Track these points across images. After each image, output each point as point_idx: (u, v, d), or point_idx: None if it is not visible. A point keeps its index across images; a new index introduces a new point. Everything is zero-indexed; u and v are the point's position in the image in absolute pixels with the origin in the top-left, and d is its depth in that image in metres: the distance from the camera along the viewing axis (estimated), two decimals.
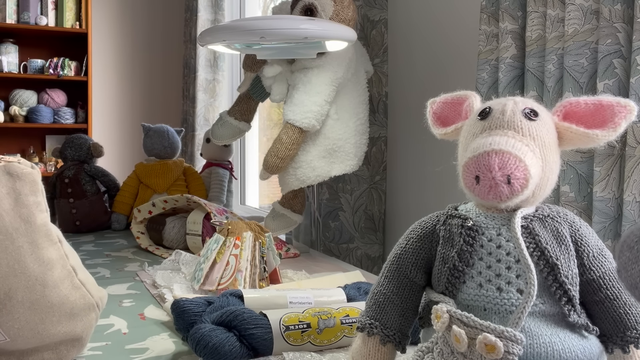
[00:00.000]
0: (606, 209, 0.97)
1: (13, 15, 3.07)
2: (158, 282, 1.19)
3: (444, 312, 0.54)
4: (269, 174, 1.42)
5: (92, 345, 0.88)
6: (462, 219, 0.60)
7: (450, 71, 1.50)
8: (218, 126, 1.63)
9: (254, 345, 0.79)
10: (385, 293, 0.63)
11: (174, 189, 1.93)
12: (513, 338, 0.51)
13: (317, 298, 0.94)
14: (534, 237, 0.57)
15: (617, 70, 0.96)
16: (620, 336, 0.57)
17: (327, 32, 1.28)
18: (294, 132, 1.38)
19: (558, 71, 1.05)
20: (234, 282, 1.08)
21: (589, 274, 0.58)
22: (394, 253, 0.65)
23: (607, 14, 0.96)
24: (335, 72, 1.41)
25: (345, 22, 1.42)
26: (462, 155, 0.60)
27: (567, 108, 0.59)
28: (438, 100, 0.67)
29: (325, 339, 0.83)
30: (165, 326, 0.97)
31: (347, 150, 1.45)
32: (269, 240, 1.16)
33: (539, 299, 0.55)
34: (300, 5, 1.43)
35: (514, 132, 0.56)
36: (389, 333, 0.62)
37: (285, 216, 1.54)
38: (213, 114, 2.79)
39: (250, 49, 1.39)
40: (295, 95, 1.39)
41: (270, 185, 2.62)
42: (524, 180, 0.54)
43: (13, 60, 3.13)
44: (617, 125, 0.57)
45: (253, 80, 1.54)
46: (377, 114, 1.72)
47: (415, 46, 1.63)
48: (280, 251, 1.30)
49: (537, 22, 1.09)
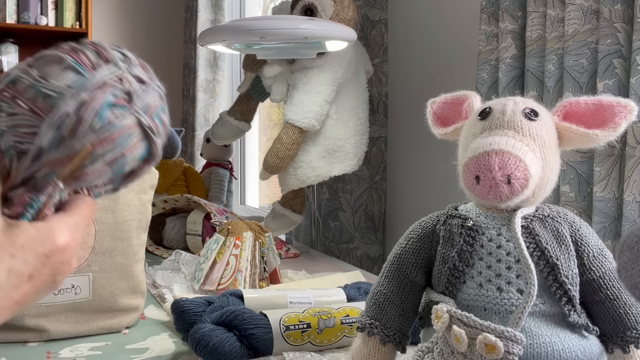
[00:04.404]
0: (606, 209, 0.97)
1: (13, 15, 3.07)
2: (158, 282, 1.19)
3: (444, 312, 0.54)
4: (269, 174, 1.42)
5: (92, 345, 0.88)
6: (462, 219, 0.60)
7: (450, 71, 1.50)
8: (218, 126, 1.63)
9: (254, 345, 0.79)
10: (385, 293, 0.63)
11: (174, 189, 1.93)
12: (513, 338, 0.51)
13: (317, 298, 0.94)
14: (534, 237, 0.57)
15: (617, 70, 0.96)
16: (621, 336, 0.57)
17: (327, 32, 1.28)
18: (294, 132, 1.38)
19: (558, 71, 1.05)
20: (234, 282, 1.08)
21: (589, 274, 0.58)
22: (394, 253, 0.65)
23: (607, 14, 0.96)
24: (335, 72, 1.41)
25: (345, 22, 1.42)
26: (462, 155, 0.60)
27: (567, 108, 0.59)
28: (438, 100, 0.67)
29: (325, 339, 0.83)
30: (165, 326, 0.97)
31: (347, 150, 1.45)
32: (269, 240, 1.16)
33: (539, 299, 0.55)
34: (300, 5, 1.43)
35: (514, 132, 0.56)
36: (389, 333, 0.62)
37: (285, 216, 1.54)
38: (213, 114, 2.79)
39: (250, 49, 1.39)
40: (295, 95, 1.39)
41: (270, 185, 2.62)
42: (524, 180, 0.54)
43: (13, 60, 3.13)
44: (617, 125, 0.57)
45: (253, 80, 1.54)
46: (377, 114, 1.72)
47: (415, 46, 1.63)
48: (280, 251, 1.30)
49: (537, 22, 1.09)
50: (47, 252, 0.40)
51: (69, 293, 0.88)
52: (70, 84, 0.42)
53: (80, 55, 0.43)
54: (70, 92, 0.41)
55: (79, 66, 0.43)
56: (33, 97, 0.41)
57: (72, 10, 3.17)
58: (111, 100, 0.42)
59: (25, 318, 0.86)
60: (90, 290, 0.90)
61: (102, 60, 0.44)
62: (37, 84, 0.41)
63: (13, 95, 0.41)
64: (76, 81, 0.42)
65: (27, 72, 0.42)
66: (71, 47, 0.44)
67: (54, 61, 0.43)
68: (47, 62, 0.43)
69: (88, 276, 0.90)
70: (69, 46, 0.44)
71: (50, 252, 0.40)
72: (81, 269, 0.89)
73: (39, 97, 0.41)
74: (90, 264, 0.90)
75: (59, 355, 0.84)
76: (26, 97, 0.41)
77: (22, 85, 0.41)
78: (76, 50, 0.44)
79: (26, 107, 0.41)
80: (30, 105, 0.41)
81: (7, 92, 0.42)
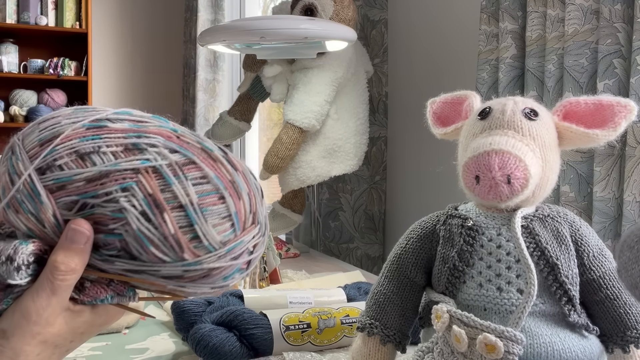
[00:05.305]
0: (606, 208, 0.97)
1: (13, 15, 3.06)
2: None
3: (444, 312, 0.54)
4: (269, 173, 1.42)
5: (92, 345, 0.88)
6: (462, 218, 0.60)
7: (450, 71, 1.50)
8: (218, 126, 1.63)
9: (254, 345, 0.79)
10: (385, 293, 0.63)
11: None
12: (513, 338, 0.51)
13: (317, 298, 0.94)
14: (534, 237, 0.57)
15: (617, 70, 0.96)
16: (621, 336, 0.57)
17: (327, 32, 1.28)
18: (294, 132, 1.38)
19: (558, 71, 1.05)
20: None
21: (589, 274, 0.58)
22: (394, 253, 0.65)
23: (607, 14, 0.96)
24: (335, 72, 1.41)
25: (345, 22, 1.42)
26: (462, 155, 0.60)
27: (567, 108, 0.59)
28: (438, 100, 0.67)
29: (325, 339, 0.83)
30: (165, 326, 0.97)
31: (347, 150, 1.45)
32: (269, 240, 1.16)
33: (539, 298, 0.55)
34: (300, 5, 1.43)
35: (514, 132, 0.56)
36: (389, 333, 0.62)
37: (285, 216, 1.54)
38: (213, 114, 2.78)
39: (250, 49, 1.39)
40: (296, 95, 1.39)
41: (270, 185, 2.62)
42: (524, 180, 0.54)
43: (13, 60, 3.13)
44: (617, 125, 0.56)
45: (253, 80, 1.54)
46: (377, 114, 1.72)
47: (415, 46, 1.63)
48: (280, 251, 1.30)
49: (537, 22, 1.09)
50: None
51: None
52: (222, 242, 0.40)
53: (241, 209, 0.41)
54: (219, 252, 0.39)
55: (237, 221, 0.41)
56: (183, 228, 0.39)
57: (72, 10, 3.16)
58: (240, 267, 0.42)
59: None
60: None
61: (251, 220, 0.42)
62: (195, 218, 0.39)
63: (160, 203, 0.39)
64: (228, 240, 0.40)
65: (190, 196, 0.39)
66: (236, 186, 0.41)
67: (217, 199, 0.40)
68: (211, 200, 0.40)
69: None
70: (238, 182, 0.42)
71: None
72: None
73: (189, 233, 0.39)
74: None
75: None
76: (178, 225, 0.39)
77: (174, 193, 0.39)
78: (240, 197, 0.41)
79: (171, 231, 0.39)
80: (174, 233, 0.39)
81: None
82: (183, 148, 0.41)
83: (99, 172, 0.39)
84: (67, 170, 0.39)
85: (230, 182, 0.41)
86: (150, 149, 0.40)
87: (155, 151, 0.40)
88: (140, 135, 0.41)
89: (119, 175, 0.39)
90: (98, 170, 0.39)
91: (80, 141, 0.40)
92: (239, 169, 0.43)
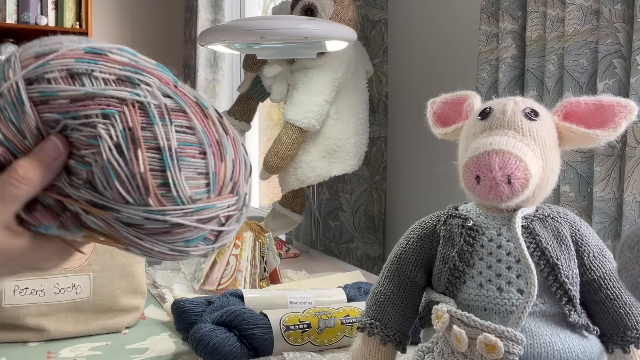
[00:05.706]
0: (606, 209, 0.97)
1: (13, 15, 3.06)
2: (158, 282, 1.19)
3: (445, 312, 0.54)
4: (269, 173, 1.42)
5: (92, 345, 0.88)
6: (462, 219, 0.60)
7: (451, 71, 1.50)
8: None
9: (254, 345, 0.79)
10: (385, 293, 0.63)
11: None
12: (513, 338, 0.51)
13: (317, 298, 0.94)
14: (534, 237, 0.57)
15: (617, 70, 0.96)
16: (621, 336, 0.57)
17: (327, 32, 1.28)
18: (294, 132, 1.38)
19: (558, 71, 1.05)
20: (234, 282, 1.08)
21: (589, 274, 0.58)
22: (395, 253, 0.65)
23: (607, 14, 0.96)
24: (335, 72, 1.41)
25: (345, 22, 1.42)
26: (463, 155, 0.60)
27: (568, 108, 0.59)
28: (438, 100, 0.67)
29: (325, 339, 0.83)
30: (165, 326, 0.97)
31: (347, 150, 1.45)
32: (269, 240, 1.16)
33: (540, 299, 0.55)
34: (300, 5, 1.43)
35: (514, 132, 0.56)
36: (389, 333, 0.62)
37: (285, 216, 1.54)
38: None
39: (250, 49, 1.39)
40: (295, 95, 1.39)
41: (270, 185, 2.62)
42: (525, 180, 0.54)
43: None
44: (618, 125, 0.57)
45: (253, 80, 1.54)
46: (377, 114, 1.72)
47: (415, 46, 1.63)
48: (280, 251, 1.30)
49: (537, 22, 1.09)
50: None
51: (69, 292, 0.89)
52: (192, 198, 0.38)
53: (220, 171, 0.40)
54: (187, 208, 0.38)
55: (213, 183, 0.39)
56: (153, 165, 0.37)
57: (72, 10, 3.17)
58: (207, 237, 0.40)
59: (25, 317, 0.86)
60: (91, 289, 0.90)
61: (230, 188, 0.41)
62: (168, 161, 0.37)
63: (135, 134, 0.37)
64: (199, 199, 0.38)
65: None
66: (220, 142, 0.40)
67: (198, 153, 0.39)
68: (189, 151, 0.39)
69: (89, 275, 0.90)
70: (222, 138, 0.40)
71: None
72: (82, 268, 0.90)
73: (159, 178, 0.37)
74: (91, 264, 0.90)
75: (59, 355, 0.84)
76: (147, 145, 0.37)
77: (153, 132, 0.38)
78: (223, 159, 0.40)
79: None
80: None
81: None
82: (177, 96, 0.40)
83: (85, 92, 0.38)
84: (54, 85, 0.38)
85: (216, 142, 0.40)
86: (144, 86, 0.39)
87: (147, 89, 0.39)
88: (137, 72, 0.40)
89: (104, 100, 0.38)
90: (85, 90, 0.38)
91: (76, 62, 0.39)
92: (230, 134, 0.41)
